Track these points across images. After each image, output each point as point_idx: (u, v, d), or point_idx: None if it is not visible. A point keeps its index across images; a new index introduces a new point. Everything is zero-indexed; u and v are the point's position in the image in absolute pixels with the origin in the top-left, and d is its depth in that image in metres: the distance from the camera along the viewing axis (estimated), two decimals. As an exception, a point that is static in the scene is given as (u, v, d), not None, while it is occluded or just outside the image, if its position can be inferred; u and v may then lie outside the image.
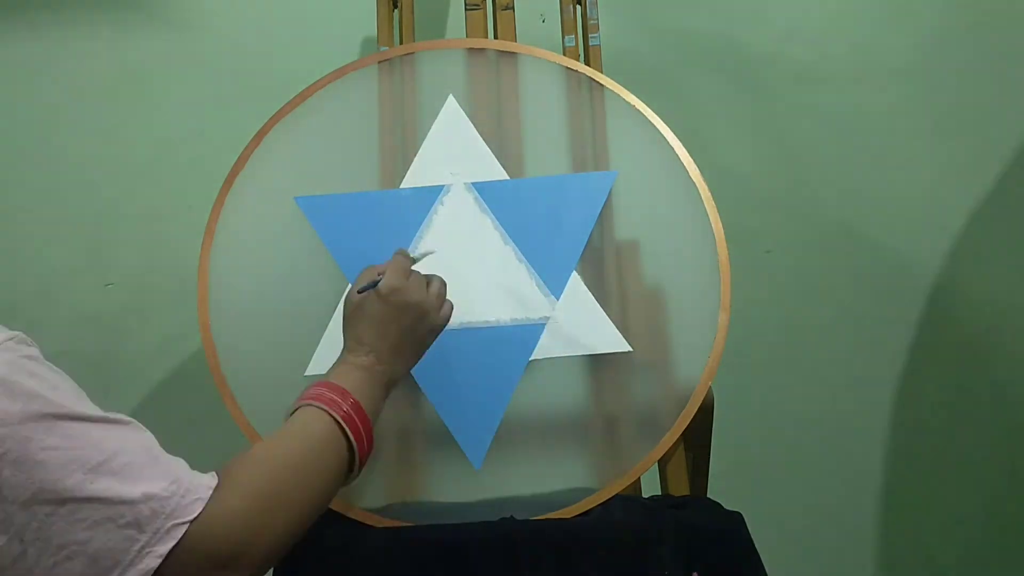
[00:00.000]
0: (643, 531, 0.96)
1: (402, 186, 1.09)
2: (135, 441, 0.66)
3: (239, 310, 1.06)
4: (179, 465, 0.68)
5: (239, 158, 1.10)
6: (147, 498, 0.63)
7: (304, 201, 1.08)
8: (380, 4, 1.22)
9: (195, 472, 0.68)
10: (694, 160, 1.10)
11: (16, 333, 0.65)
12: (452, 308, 0.94)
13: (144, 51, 1.48)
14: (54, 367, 0.66)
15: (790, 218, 1.56)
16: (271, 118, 1.11)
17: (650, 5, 1.53)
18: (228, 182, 1.09)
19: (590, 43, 1.21)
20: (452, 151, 1.10)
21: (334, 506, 1.01)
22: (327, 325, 1.04)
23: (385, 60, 1.14)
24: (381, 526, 1.00)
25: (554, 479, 1.03)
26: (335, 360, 0.89)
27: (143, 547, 0.62)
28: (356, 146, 1.11)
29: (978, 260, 1.56)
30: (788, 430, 1.58)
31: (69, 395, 0.64)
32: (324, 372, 1.02)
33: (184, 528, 0.63)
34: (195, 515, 0.64)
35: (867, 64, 1.53)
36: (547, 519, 1.00)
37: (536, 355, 1.04)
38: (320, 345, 1.04)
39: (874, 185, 1.55)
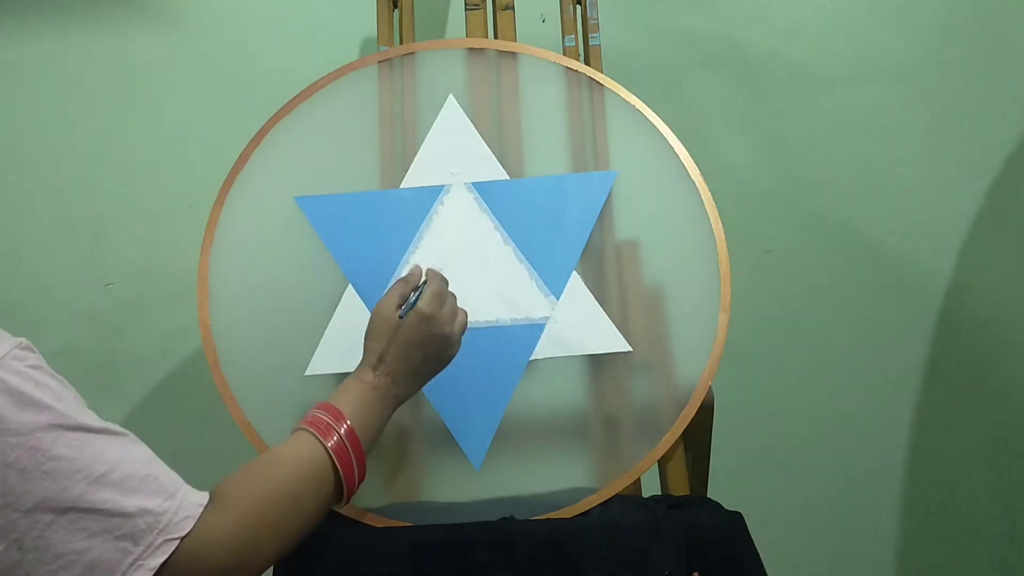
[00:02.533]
0: (643, 531, 0.96)
1: (402, 186, 1.09)
2: (134, 453, 0.67)
3: (239, 310, 1.05)
4: (174, 480, 0.69)
5: (239, 158, 1.10)
6: (142, 512, 0.64)
7: (304, 201, 1.08)
8: (380, 4, 1.23)
9: (189, 488, 0.69)
10: (694, 160, 1.10)
11: (20, 340, 0.66)
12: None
13: (144, 51, 1.48)
14: (57, 375, 0.67)
15: (790, 218, 1.56)
16: (271, 118, 1.11)
17: (650, 5, 1.53)
18: (228, 182, 1.09)
19: (590, 43, 1.22)
20: (452, 151, 1.10)
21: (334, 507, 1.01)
22: (327, 325, 1.04)
23: (385, 60, 1.14)
24: (381, 526, 1.00)
25: (554, 479, 1.03)
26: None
27: (136, 560, 0.63)
28: (356, 146, 1.11)
29: (978, 259, 1.56)
30: (788, 430, 1.58)
31: (73, 405, 0.66)
32: (323, 372, 1.03)
33: (175, 544, 0.65)
34: (185, 532, 0.66)
35: (867, 64, 1.53)
36: (547, 519, 1.00)
37: (536, 355, 1.04)
38: (320, 345, 1.04)
39: (874, 185, 1.55)
